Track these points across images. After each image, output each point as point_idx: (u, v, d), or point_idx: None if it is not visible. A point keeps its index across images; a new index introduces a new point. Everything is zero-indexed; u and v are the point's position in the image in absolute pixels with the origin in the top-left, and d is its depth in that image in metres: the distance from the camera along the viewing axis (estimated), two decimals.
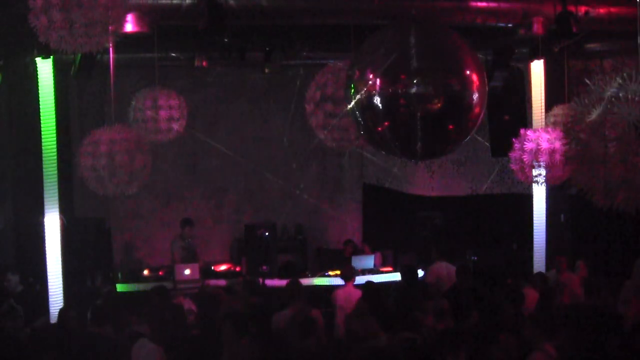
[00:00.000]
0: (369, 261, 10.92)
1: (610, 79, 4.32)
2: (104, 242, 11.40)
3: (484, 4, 8.29)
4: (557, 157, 7.51)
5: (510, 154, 7.97)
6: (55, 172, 8.67)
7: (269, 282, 9.99)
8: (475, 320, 7.00)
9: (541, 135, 7.71)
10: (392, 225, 12.59)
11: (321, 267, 11.28)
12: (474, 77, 6.99)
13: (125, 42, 6.28)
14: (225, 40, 7.83)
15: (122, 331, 6.98)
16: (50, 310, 8.40)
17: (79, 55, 8.24)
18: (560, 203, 10.39)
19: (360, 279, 10.10)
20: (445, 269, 9.40)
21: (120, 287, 10.24)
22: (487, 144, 11.90)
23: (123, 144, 6.99)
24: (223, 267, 11.36)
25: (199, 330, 7.37)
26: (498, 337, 5.92)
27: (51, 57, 8.47)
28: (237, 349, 5.81)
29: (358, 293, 8.11)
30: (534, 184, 8.05)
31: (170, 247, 11.12)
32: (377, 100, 6.90)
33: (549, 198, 10.13)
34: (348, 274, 8.87)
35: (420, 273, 10.06)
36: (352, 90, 7.21)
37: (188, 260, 10.73)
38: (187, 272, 10.19)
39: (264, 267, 10.87)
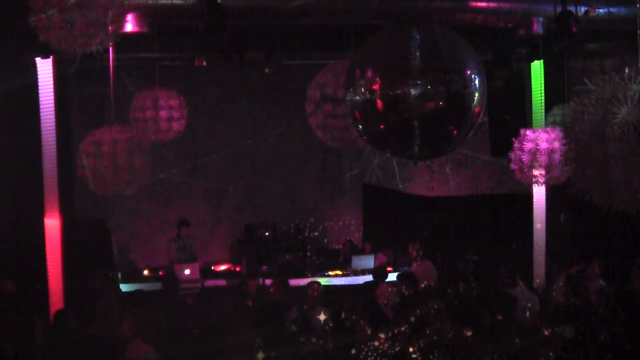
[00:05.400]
0: (369, 261, 10.92)
1: (610, 79, 4.32)
2: (104, 242, 11.39)
3: (484, 4, 8.28)
4: (557, 157, 7.51)
5: (510, 154, 7.96)
6: (55, 172, 8.67)
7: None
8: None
9: (540, 135, 7.70)
10: (392, 225, 12.59)
11: (321, 267, 11.28)
12: (474, 77, 6.99)
13: (125, 42, 6.26)
14: (225, 40, 7.82)
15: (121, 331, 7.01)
16: (50, 311, 8.39)
17: (79, 55, 8.23)
18: (560, 203, 10.38)
19: (360, 279, 10.15)
20: (430, 268, 9.49)
21: (120, 287, 10.24)
22: (487, 144, 11.90)
23: (123, 144, 6.99)
24: (223, 267, 11.36)
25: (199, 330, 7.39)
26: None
27: (51, 57, 8.46)
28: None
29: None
30: (534, 184, 8.04)
31: (167, 247, 11.13)
32: (377, 100, 6.90)
33: (549, 198, 10.13)
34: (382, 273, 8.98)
35: None
36: (352, 90, 7.20)
37: (185, 260, 10.73)
38: (187, 272, 10.20)
39: (264, 267, 10.88)
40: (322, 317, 7.41)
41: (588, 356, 5.98)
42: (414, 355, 6.00)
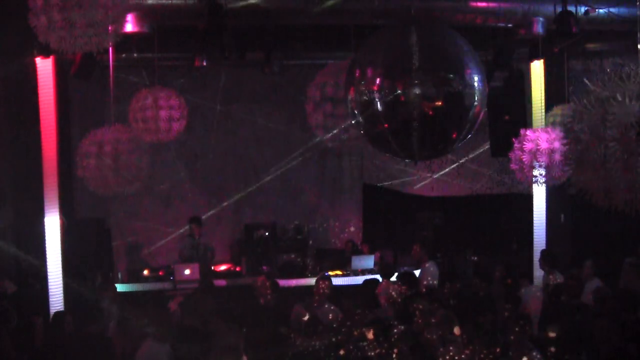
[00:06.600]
0: (368, 261, 10.92)
1: (609, 79, 4.32)
2: (104, 242, 11.41)
3: (484, 4, 8.28)
4: (557, 157, 7.51)
5: (510, 154, 7.97)
6: (55, 172, 8.67)
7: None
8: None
9: (541, 135, 7.71)
10: (392, 225, 12.59)
11: (321, 267, 11.27)
12: (474, 77, 6.99)
13: (125, 42, 6.27)
14: (225, 40, 7.83)
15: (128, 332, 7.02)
16: (50, 311, 8.39)
17: (79, 55, 8.24)
18: (560, 203, 10.38)
19: (360, 279, 10.14)
20: (435, 269, 9.49)
21: (120, 288, 10.24)
22: (487, 144, 11.91)
23: (123, 144, 7.00)
24: (223, 267, 11.35)
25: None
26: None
27: (51, 57, 8.47)
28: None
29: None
30: (534, 184, 8.04)
31: (179, 244, 11.16)
32: (377, 100, 6.90)
33: (549, 198, 10.12)
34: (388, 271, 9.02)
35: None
36: (352, 90, 7.20)
37: (197, 259, 10.72)
38: (187, 272, 10.19)
39: (264, 267, 10.88)
40: (331, 315, 7.43)
41: (575, 356, 5.99)
42: (399, 356, 5.99)
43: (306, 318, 7.14)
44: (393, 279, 9.05)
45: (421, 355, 5.97)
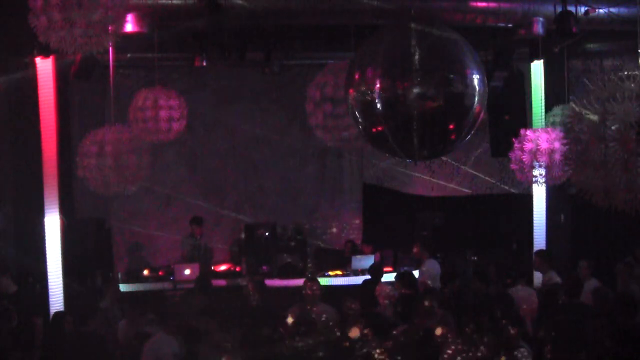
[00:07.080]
0: (368, 261, 10.92)
1: (609, 79, 4.33)
2: (104, 242, 11.41)
3: (484, 4, 8.29)
4: (557, 157, 7.52)
5: (510, 154, 7.97)
6: (55, 172, 8.68)
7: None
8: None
9: (541, 135, 7.71)
10: (392, 225, 12.58)
11: (321, 267, 11.27)
12: (474, 77, 6.99)
13: (125, 42, 6.27)
14: (225, 40, 7.84)
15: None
16: (50, 310, 8.40)
17: (79, 55, 8.24)
18: (560, 203, 10.39)
19: (360, 279, 10.15)
20: (437, 268, 9.48)
21: (120, 287, 10.24)
22: (487, 144, 11.91)
23: (123, 144, 7.00)
24: (223, 267, 11.35)
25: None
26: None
27: (51, 57, 8.47)
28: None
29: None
30: (534, 184, 8.05)
31: (181, 245, 11.16)
32: (376, 100, 6.90)
33: (549, 198, 10.13)
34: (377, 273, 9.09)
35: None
36: (352, 90, 7.20)
37: (198, 259, 10.72)
38: (187, 272, 10.19)
39: (264, 267, 10.88)
40: (324, 316, 7.40)
41: (571, 356, 5.98)
42: (381, 357, 5.98)
43: (290, 320, 7.10)
44: (391, 279, 9.05)
45: (418, 355, 5.97)
